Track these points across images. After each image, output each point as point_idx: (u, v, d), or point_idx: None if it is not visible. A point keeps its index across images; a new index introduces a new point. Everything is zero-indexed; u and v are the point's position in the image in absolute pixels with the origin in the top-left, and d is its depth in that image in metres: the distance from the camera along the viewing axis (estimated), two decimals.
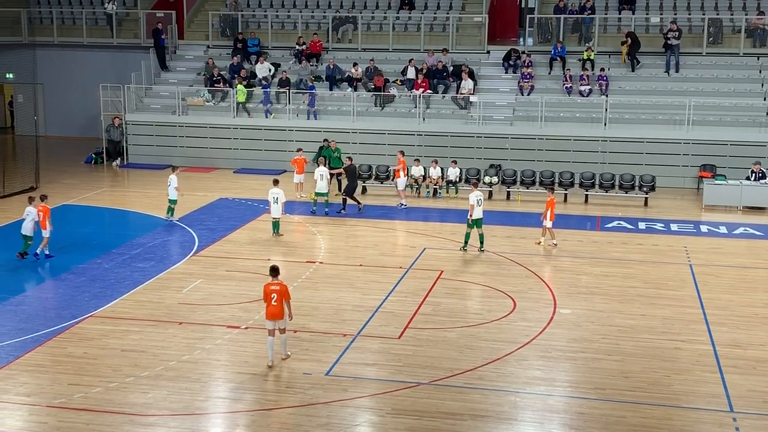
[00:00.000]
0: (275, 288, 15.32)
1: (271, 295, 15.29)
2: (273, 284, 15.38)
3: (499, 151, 31.60)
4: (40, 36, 39.51)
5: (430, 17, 36.55)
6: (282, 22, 37.91)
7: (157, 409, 13.84)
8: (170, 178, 25.22)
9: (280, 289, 15.31)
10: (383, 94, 33.54)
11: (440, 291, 19.81)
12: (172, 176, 25.26)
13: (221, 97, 34.73)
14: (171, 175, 25.32)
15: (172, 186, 25.03)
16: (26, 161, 31.80)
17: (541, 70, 34.23)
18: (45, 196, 22.38)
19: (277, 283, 15.39)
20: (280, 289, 15.30)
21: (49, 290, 19.44)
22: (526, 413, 14.07)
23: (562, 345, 16.74)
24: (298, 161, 28.54)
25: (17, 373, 15.13)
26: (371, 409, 14.07)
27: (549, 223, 23.15)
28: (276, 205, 23.76)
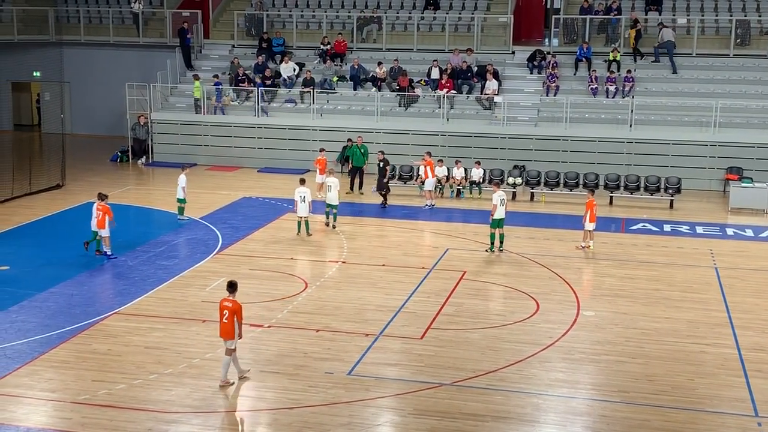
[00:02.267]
0: (227, 305, 14.45)
1: (223, 311, 14.45)
2: (227, 300, 14.51)
3: (523, 152, 31.48)
4: (67, 35, 39.82)
5: (455, 17, 36.48)
6: (307, 21, 37.99)
7: (180, 407, 13.91)
8: (179, 178, 25.26)
9: (233, 306, 14.43)
10: (407, 94, 33.52)
11: (463, 292, 19.76)
12: (181, 176, 25.28)
13: (246, 97, 34.85)
14: (180, 175, 25.33)
15: (180, 186, 25.10)
16: (53, 159, 32.09)
17: (567, 71, 34.07)
18: (105, 195, 22.11)
19: (231, 300, 14.52)
20: (232, 306, 14.43)
21: (75, 287, 19.57)
22: (548, 415, 14.00)
23: (586, 347, 16.65)
24: (321, 161, 28.47)
25: (42, 369, 15.26)
26: (393, 409, 14.06)
27: (591, 225, 22.84)
28: (303, 204, 23.76)
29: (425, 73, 34.46)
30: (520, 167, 30.47)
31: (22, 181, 28.55)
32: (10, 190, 27.61)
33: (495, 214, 22.31)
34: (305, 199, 23.74)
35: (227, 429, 13.57)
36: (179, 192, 25.19)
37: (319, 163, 28.52)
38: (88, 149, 37.47)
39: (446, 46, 35.61)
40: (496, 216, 22.34)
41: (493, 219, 22.41)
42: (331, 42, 35.97)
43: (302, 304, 18.72)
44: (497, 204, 22.24)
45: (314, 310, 18.36)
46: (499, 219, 22.38)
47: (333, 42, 35.94)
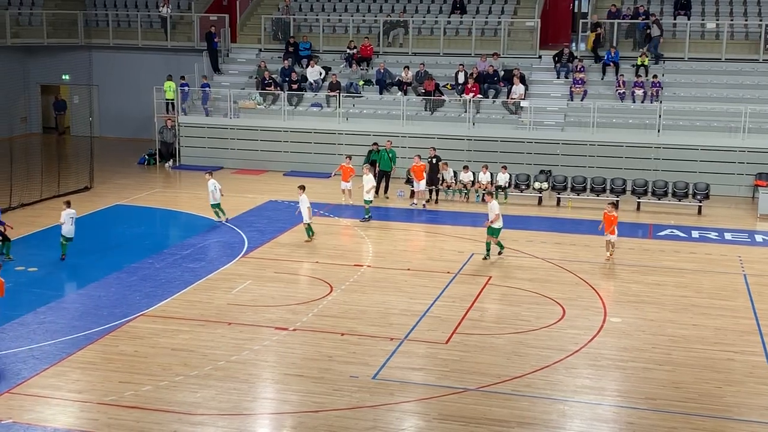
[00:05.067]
0: None
1: None
2: None
3: (549, 157, 31.33)
4: (96, 38, 40.19)
5: (482, 22, 36.42)
6: (333, 26, 38.07)
7: (205, 409, 13.97)
8: (209, 182, 25.29)
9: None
10: (433, 99, 33.49)
11: (488, 297, 19.70)
12: (211, 180, 25.30)
13: (272, 100, 34.99)
14: (210, 180, 25.35)
15: (210, 190, 25.21)
16: (81, 161, 32.37)
17: (594, 76, 33.89)
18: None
19: None
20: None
21: (102, 289, 19.72)
22: (574, 422, 13.92)
23: (612, 354, 16.53)
24: (345, 169, 28.06)
25: (69, 369, 15.38)
26: (418, 414, 14.04)
27: (614, 237, 22.43)
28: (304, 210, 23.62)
29: (451, 77, 34.42)
30: (546, 172, 30.34)
31: (50, 183, 28.83)
32: (39, 192, 27.87)
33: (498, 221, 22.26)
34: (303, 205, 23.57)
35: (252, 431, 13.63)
36: (212, 197, 25.23)
37: (343, 170, 28.17)
38: (116, 152, 37.78)
39: (472, 50, 35.55)
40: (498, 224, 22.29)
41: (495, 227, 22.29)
42: (358, 46, 36.03)
43: (327, 308, 18.74)
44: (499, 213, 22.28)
45: (339, 314, 18.38)
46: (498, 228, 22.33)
47: (359, 46, 36.00)
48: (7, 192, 26.44)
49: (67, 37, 40.28)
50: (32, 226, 24.54)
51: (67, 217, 21.63)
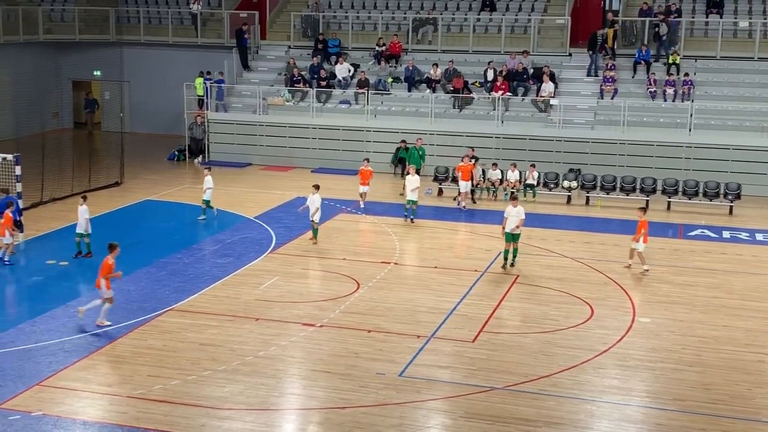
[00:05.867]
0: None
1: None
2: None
3: (578, 156, 31.13)
4: (128, 35, 40.49)
5: (512, 19, 36.25)
6: (362, 23, 38.09)
7: (233, 403, 14.04)
8: (208, 179, 25.15)
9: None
10: (462, 96, 33.40)
11: (516, 295, 19.62)
12: (206, 178, 25.17)
13: (301, 97, 35.07)
14: (208, 176, 25.23)
15: (207, 187, 25.05)
16: (112, 157, 32.63)
17: (625, 74, 33.62)
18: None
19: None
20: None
21: (132, 283, 19.86)
22: (602, 422, 13.83)
23: (641, 354, 16.41)
24: (365, 172, 27.42)
25: (99, 363, 15.52)
26: (444, 412, 14.02)
27: (641, 246, 21.47)
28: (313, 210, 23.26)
29: (480, 75, 34.30)
30: (576, 171, 30.16)
31: (81, 178, 29.10)
32: (70, 187, 28.14)
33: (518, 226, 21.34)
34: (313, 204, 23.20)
35: (280, 427, 13.65)
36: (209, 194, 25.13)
37: (362, 174, 27.39)
38: (146, 148, 38.05)
39: (502, 48, 35.39)
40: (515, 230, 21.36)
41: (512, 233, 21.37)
42: (387, 43, 36.01)
43: (354, 305, 18.76)
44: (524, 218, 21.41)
45: (366, 311, 18.39)
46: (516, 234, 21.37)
47: (388, 43, 35.99)
48: (39, 186, 26.71)
49: (99, 33, 40.64)
50: (63, 221, 24.77)
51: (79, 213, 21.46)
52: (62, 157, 31.90)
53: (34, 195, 26.02)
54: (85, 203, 21.65)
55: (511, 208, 21.26)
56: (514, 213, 21.19)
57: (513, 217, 21.18)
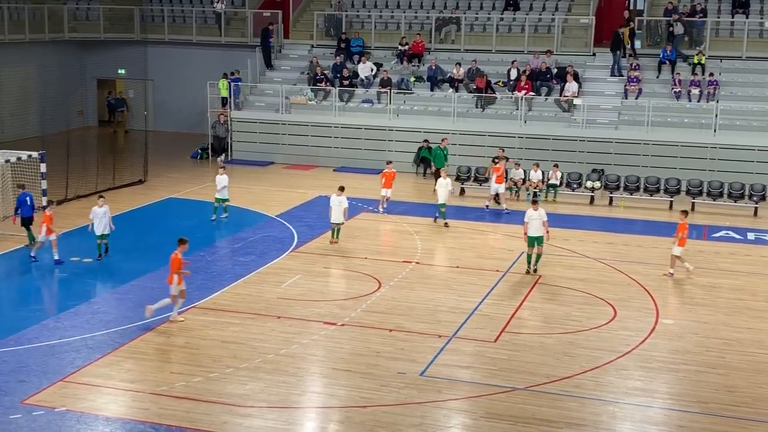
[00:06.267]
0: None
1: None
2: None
3: (602, 156, 30.96)
4: (152, 33, 40.73)
5: (535, 18, 36.12)
6: (385, 22, 38.08)
7: (254, 401, 14.09)
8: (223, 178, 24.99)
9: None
10: (485, 96, 33.32)
11: (538, 296, 19.55)
12: (222, 177, 25.01)
13: (323, 96, 35.12)
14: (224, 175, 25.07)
15: (224, 186, 24.94)
16: (136, 155, 32.83)
17: (649, 74, 33.41)
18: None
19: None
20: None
21: (155, 280, 19.96)
22: (624, 424, 13.76)
23: (664, 356, 16.30)
24: (388, 175, 26.93)
25: (122, 359, 15.62)
26: (465, 412, 13.99)
27: (678, 250, 21.01)
28: (338, 211, 22.97)
29: (503, 74, 34.20)
30: (599, 171, 30.01)
31: (106, 175, 29.30)
32: (94, 184, 28.34)
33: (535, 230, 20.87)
34: (341, 205, 23.01)
35: (301, 425, 13.68)
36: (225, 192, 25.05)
37: (385, 177, 26.74)
38: (170, 146, 38.26)
39: (525, 47, 35.28)
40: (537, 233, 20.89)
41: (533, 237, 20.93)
42: (409, 42, 35.99)
43: (376, 304, 18.77)
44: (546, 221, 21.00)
45: (387, 310, 18.39)
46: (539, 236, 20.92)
47: (411, 42, 35.96)
48: (64, 184, 26.93)
49: (124, 32, 40.92)
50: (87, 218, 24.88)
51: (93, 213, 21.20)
52: (87, 155, 32.11)
53: (58, 192, 26.22)
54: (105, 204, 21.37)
55: (532, 212, 20.84)
56: (535, 216, 20.80)
57: (535, 221, 20.77)
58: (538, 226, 20.81)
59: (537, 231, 20.83)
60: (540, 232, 20.83)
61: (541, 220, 20.84)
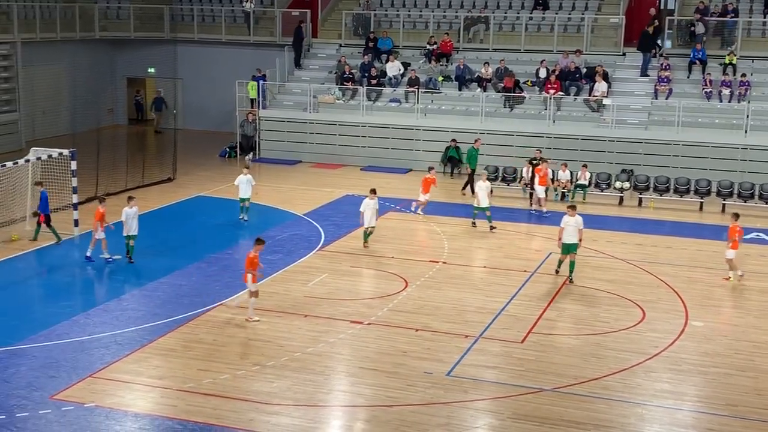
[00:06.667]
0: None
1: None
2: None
3: (631, 156, 30.73)
4: (181, 32, 40.99)
5: (565, 18, 35.92)
6: (414, 21, 38.05)
7: (281, 399, 14.13)
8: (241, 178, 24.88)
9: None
10: (513, 95, 33.19)
11: (565, 297, 19.44)
12: (245, 176, 24.90)
13: (351, 95, 35.16)
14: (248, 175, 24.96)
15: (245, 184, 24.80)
16: (165, 153, 33.04)
17: (680, 74, 33.12)
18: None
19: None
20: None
21: (183, 278, 20.12)
22: (652, 426, 13.66)
23: (693, 358, 16.15)
24: (428, 180, 26.02)
25: (150, 356, 15.74)
26: (492, 412, 13.95)
27: (732, 253, 20.61)
28: (369, 214, 22.61)
29: (532, 74, 34.06)
30: (628, 171, 29.79)
31: (135, 173, 29.53)
32: (124, 182, 28.58)
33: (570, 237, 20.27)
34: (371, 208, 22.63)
35: (327, 423, 13.70)
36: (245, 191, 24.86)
37: (425, 182, 26.03)
38: (198, 144, 38.49)
39: (554, 47, 35.11)
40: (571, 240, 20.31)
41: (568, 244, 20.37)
42: (438, 42, 35.94)
43: (402, 303, 18.76)
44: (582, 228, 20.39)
45: (414, 310, 18.38)
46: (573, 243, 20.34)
47: (439, 42, 35.91)
48: (94, 182, 27.17)
49: (154, 30, 41.22)
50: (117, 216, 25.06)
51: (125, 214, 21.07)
52: (117, 153, 32.37)
53: (88, 190, 26.46)
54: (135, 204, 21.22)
55: (568, 218, 20.12)
56: (572, 223, 20.11)
57: (571, 227, 20.12)
58: (573, 232, 20.19)
59: (572, 238, 20.18)
60: (574, 239, 20.20)
61: (577, 227, 20.23)
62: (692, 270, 21.51)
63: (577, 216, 20.29)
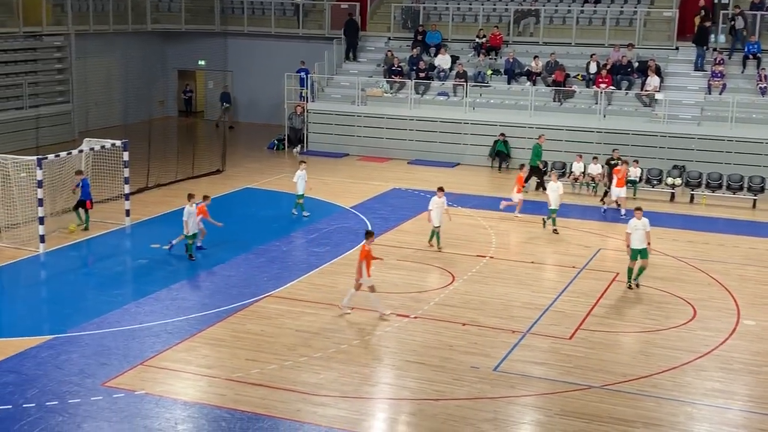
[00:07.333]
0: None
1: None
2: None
3: (683, 152, 30.27)
4: (232, 25, 41.31)
5: (617, 11, 35.47)
6: (463, 14, 37.86)
7: (328, 390, 14.20)
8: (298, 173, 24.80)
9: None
10: (563, 89, 32.89)
11: (615, 293, 19.23)
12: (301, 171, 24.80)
13: (399, 89, 35.12)
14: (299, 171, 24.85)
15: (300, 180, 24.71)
16: (214, 145, 33.34)
17: (734, 69, 32.52)
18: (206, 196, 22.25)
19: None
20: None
21: (232, 269, 20.30)
22: (702, 425, 13.46)
23: (745, 358, 15.89)
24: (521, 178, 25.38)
25: (199, 345, 15.91)
26: (539, 409, 13.85)
27: None
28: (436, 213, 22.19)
29: (583, 68, 33.70)
30: (680, 167, 29.35)
31: (185, 165, 29.86)
32: (174, 173, 28.91)
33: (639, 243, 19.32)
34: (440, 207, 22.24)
35: (373, 416, 13.74)
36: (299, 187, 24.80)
37: (519, 181, 25.29)
38: (247, 137, 38.79)
39: (606, 40, 34.71)
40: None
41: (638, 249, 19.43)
42: (487, 35, 35.73)
43: (449, 297, 18.73)
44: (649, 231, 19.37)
45: (461, 304, 18.33)
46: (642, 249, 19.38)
47: (488, 35, 35.70)
48: (145, 172, 27.54)
49: (204, 23, 41.61)
50: (167, 206, 25.49)
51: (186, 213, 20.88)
52: (167, 144, 32.75)
53: (139, 180, 26.84)
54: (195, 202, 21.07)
55: (635, 221, 19.21)
56: (640, 226, 19.15)
57: (638, 231, 19.14)
58: (642, 237, 19.14)
59: (640, 243, 19.17)
60: (643, 243, 19.18)
61: (645, 230, 19.20)
62: (744, 268, 21.13)
63: (644, 218, 19.29)
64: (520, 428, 13.31)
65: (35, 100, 35.22)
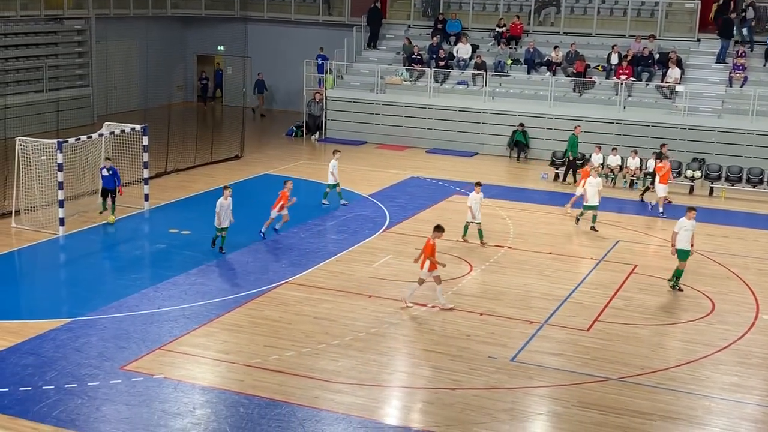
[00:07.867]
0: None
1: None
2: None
3: (703, 144, 30.06)
4: (252, 11, 41.28)
5: (638, 2, 35.20)
6: (483, 3, 37.67)
7: (345, 377, 14.23)
8: (331, 163, 24.70)
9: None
10: (583, 80, 32.71)
11: (633, 286, 19.16)
12: (333, 161, 24.73)
13: (418, 77, 35.03)
14: (332, 161, 24.77)
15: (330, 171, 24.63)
16: (233, 131, 33.40)
17: (756, 62, 32.24)
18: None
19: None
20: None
21: (250, 255, 20.36)
22: (719, 419, 13.42)
23: (763, 352, 15.82)
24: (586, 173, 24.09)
25: (218, 331, 15.98)
26: (556, 400, 13.85)
27: None
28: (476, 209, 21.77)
29: (603, 58, 33.50)
30: (700, 160, 29.17)
31: (204, 150, 29.92)
32: (192, 158, 28.99)
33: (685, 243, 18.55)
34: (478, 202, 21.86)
35: (390, 404, 13.77)
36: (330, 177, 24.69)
37: (585, 174, 24.23)
38: (265, 123, 38.80)
39: (627, 31, 34.48)
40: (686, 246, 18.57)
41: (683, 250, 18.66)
42: (507, 24, 35.55)
43: (466, 287, 18.72)
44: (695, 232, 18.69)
45: (478, 294, 18.33)
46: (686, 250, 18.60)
47: (509, 24, 35.52)
48: (164, 157, 27.62)
49: (224, 8, 41.60)
50: (185, 191, 25.57)
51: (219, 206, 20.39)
52: (186, 130, 32.81)
53: (159, 165, 26.92)
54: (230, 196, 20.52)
55: (685, 221, 18.39)
56: (689, 227, 18.37)
57: (688, 232, 18.39)
58: (688, 237, 18.40)
59: (687, 243, 18.45)
60: (689, 244, 18.49)
61: (693, 231, 18.55)
62: (764, 262, 21.01)
63: (694, 219, 18.65)
64: (537, 419, 13.31)
65: (55, 83, 35.37)
